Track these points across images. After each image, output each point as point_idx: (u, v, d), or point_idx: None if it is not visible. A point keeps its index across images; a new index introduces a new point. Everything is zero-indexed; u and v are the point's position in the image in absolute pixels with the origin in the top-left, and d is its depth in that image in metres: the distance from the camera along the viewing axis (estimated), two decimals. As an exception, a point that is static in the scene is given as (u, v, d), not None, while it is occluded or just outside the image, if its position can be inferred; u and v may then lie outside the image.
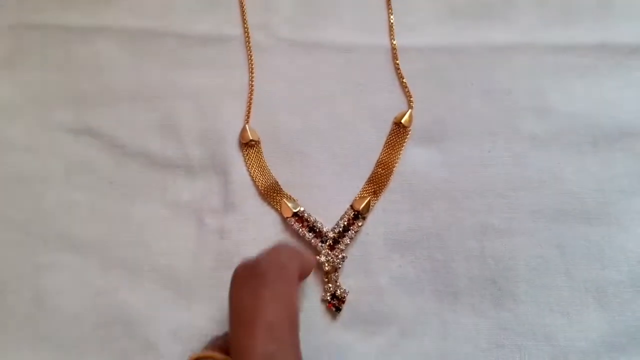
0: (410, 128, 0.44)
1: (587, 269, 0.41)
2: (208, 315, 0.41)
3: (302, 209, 0.42)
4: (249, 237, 0.42)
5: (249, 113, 0.45)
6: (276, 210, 0.43)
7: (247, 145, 0.43)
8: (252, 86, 0.45)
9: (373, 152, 0.44)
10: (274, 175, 0.43)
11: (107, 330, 0.40)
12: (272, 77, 0.45)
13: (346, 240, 0.42)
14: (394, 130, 0.44)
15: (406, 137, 0.44)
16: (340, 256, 0.41)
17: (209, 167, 0.43)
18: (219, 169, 0.43)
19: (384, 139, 0.44)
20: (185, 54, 0.46)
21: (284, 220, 0.42)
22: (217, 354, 0.31)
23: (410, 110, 0.44)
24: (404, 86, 0.45)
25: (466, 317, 0.40)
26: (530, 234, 0.41)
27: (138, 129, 0.44)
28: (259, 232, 0.42)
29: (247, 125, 0.44)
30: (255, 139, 0.44)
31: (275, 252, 0.32)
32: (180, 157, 0.44)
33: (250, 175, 0.43)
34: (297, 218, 0.42)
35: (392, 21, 0.46)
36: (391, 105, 0.44)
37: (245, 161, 0.44)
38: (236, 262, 0.40)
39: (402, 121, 0.44)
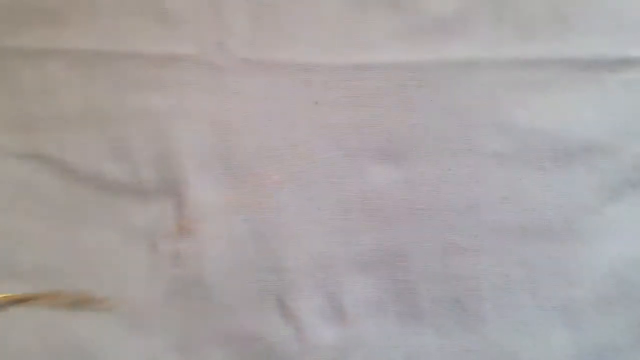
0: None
1: (552, 287, 0.40)
2: (163, 345, 0.39)
3: None
4: (205, 263, 0.41)
5: None
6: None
7: None
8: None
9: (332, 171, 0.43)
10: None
11: None
12: (228, 97, 0.45)
13: None
14: None
15: None
16: None
17: (162, 190, 0.42)
18: (173, 191, 0.42)
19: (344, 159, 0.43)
20: (138, 74, 0.45)
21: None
22: None
23: None
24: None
25: (431, 339, 0.40)
26: (494, 252, 0.41)
27: (89, 153, 0.43)
28: (215, 257, 0.41)
29: None
30: None
31: None
32: (133, 181, 0.42)
33: None
34: None
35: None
36: (350, 123, 0.44)
37: None
38: (193, 288, 0.40)
39: None
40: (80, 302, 0.39)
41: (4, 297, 0.31)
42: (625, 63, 0.44)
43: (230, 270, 0.41)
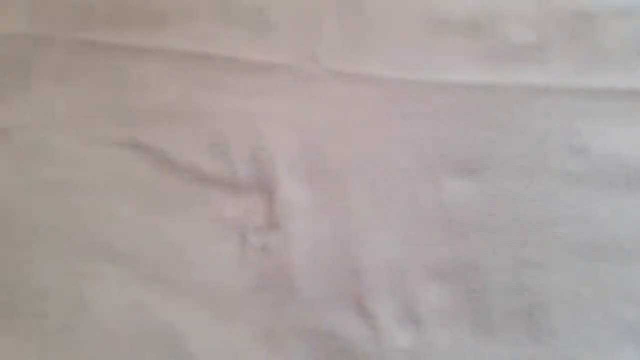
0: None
1: (623, 307, 0.40)
2: (247, 336, 0.40)
3: None
4: (291, 258, 0.42)
5: None
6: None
7: None
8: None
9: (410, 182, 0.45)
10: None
11: (144, 344, 0.40)
12: (316, 105, 0.47)
13: None
14: None
15: None
16: None
17: (254, 186, 0.44)
18: (265, 188, 0.44)
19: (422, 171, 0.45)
20: (233, 78, 0.47)
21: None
22: None
23: None
24: None
25: (502, 349, 0.40)
26: (565, 269, 0.41)
27: (185, 146, 0.45)
28: (300, 253, 0.42)
29: None
30: None
31: None
32: (227, 175, 0.44)
33: None
34: None
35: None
36: (429, 137, 0.46)
37: None
38: (278, 281, 0.41)
39: None
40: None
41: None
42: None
43: (313, 267, 0.42)
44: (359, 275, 0.42)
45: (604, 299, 0.41)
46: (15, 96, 0.47)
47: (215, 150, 0.45)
